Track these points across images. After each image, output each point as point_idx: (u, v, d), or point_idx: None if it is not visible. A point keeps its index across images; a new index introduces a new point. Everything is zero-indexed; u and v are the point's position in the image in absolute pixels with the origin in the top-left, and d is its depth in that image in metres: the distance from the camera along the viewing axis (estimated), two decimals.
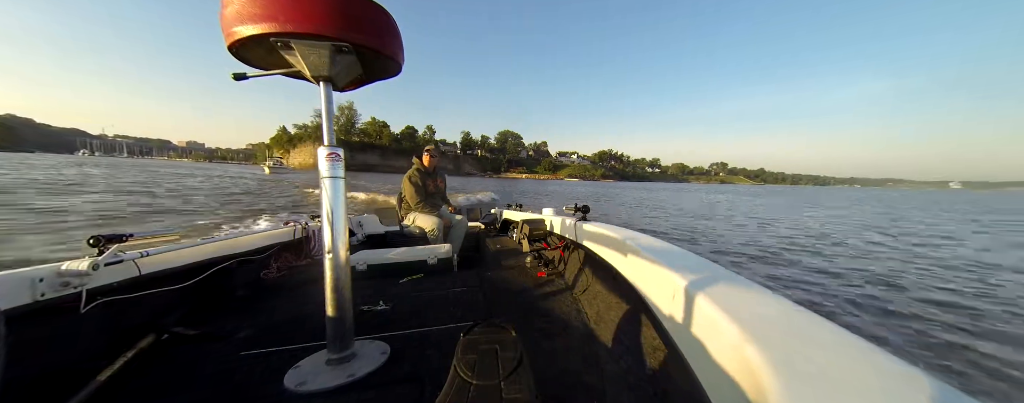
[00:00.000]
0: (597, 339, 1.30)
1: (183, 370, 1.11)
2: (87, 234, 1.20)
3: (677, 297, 0.81)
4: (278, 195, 16.23)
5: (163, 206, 9.60)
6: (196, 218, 7.49)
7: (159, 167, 49.04)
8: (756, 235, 9.13)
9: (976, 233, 10.71)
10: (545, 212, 2.75)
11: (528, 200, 20.23)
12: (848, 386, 0.44)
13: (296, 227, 2.42)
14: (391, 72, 1.10)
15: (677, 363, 0.75)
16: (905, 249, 7.60)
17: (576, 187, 65.45)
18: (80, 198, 10.59)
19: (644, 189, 64.53)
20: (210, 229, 5.91)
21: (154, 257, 1.38)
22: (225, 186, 19.51)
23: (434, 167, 3.18)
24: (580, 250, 1.94)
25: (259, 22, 0.81)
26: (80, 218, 7.23)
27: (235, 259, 1.80)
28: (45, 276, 1.02)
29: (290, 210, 10.30)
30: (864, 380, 0.45)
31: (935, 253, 7.23)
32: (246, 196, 15.03)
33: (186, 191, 15.27)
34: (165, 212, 8.43)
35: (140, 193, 13.05)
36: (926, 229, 11.45)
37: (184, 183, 19.90)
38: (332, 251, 1.01)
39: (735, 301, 0.67)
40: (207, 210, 9.42)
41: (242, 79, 0.99)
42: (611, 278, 1.47)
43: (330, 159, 0.99)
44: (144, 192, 13.61)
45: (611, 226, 1.67)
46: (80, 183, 15.66)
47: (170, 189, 15.66)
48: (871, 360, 0.48)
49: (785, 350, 0.50)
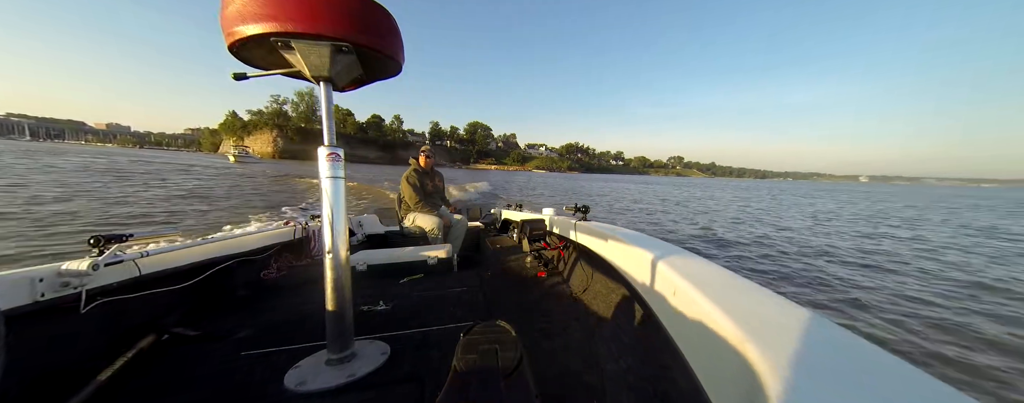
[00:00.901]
0: (597, 339, 1.29)
1: (183, 370, 1.11)
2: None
3: (677, 297, 0.81)
4: (274, 186, 15.32)
5: (164, 205, 8.95)
6: (196, 218, 7.40)
7: (86, 154, 40.29)
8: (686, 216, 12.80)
9: (825, 213, 15.79)
10: (545, 212, 2.76)
11: (498, 189, 21.36)
12: (848, 386, 0.44)
13: (296, 227, 2.41)
14: (391, 72, 1.10)
15: (677, 363, 0.75)
16: (774, 221, 11.77)
17: (545, 178, 68.80)
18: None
19: (603, 180, 71.29)
20: (210, 229, 5.65)
21: (154, 257, 1.37)
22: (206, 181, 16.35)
23: (431, 167, 3.22)
24: (580, 250, 1.95)
25: (259, 22, 0.81)
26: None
27: (235, 259, 1.80)
28: (45, 276, 1.01)
29: (293, 206, 9.97)
30: (864, 380, 0.45)
31: (797, 222, 11.62)
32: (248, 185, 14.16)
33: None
34: (165, 212, 8.12)
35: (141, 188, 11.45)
36: (799, 204, 18.29)
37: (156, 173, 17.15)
38: (332, 251, 1.01)
39: (735, 301, 0.67)
40: (208, 209, 8.99)
41: (242, 79, 0.99)
42: (611, 278, 1.47)
43: (330, 159, 0.99)
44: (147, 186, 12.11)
45: (611, 226, 1.68)
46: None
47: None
48: (871, 360, 0.48)
49: (785, 350, 0.50)
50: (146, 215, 7.24)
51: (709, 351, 0.64)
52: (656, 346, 0.93)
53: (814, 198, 28.26)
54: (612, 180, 76.75)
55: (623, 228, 1.58)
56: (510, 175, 73.95)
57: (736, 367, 0.54)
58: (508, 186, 27.58)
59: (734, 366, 0.54)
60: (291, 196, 12.21)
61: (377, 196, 13.71)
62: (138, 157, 41.96)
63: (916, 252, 7.00)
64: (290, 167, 38.98)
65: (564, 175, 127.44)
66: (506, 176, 62.04)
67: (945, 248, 7.49)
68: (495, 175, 65.79)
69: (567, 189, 28.70)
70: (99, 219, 6.73)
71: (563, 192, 24.23)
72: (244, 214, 8.12)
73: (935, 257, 6.59)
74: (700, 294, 0.71)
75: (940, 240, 8.56)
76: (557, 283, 1.96)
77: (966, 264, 6.06)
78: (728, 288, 0.74)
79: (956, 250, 7.29)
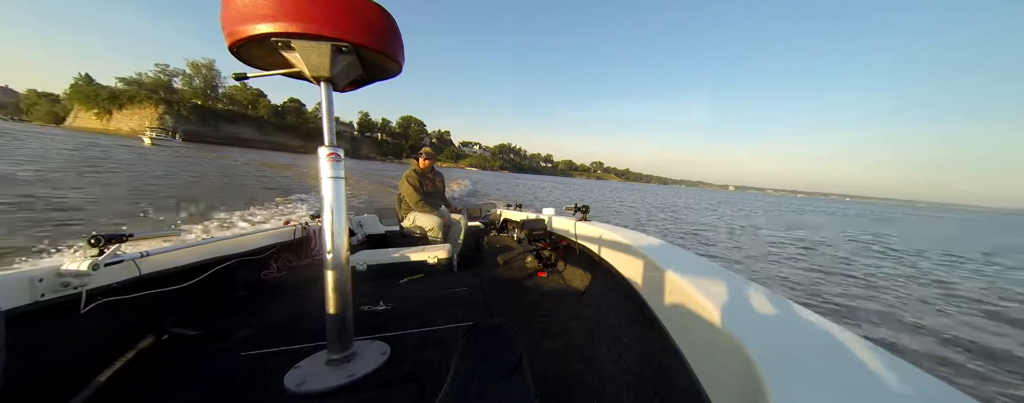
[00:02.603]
0: (597, 339, 1.29)
1: (183, 370, 1.11)
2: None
3: (677, 297, 0.81)
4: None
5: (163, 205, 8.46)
6: (196, 217, 7.16)
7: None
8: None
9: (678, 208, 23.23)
10: (545, 212, 2.76)
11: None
12: (848, 385, 0.44)
13: (296, 227, 2.41)
14: (391, 72, 1.11)
15: (677, 363, 0.75)
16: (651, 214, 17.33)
17: (480, 175, 73.51)
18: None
19: (530, 179, 79.83)
20: (210, 229, 5.79)
21: (154, 257, 1.37)
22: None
23: (431, 167, 3.24)
24: (580, 250, 1.95)
25: (259, 22, 0.81)
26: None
27: (235, 259, 1.80)
28: (45, 276, 1.02)
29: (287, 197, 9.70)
30: (864, 379, 0.45)
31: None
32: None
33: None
34: (164, 212, 7.84)
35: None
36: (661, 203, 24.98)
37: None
38: (332, 251, 1.01)
39: (735, 301, 0.67)
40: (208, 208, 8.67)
41: (243, 79, 0.98)
42: (611, 278, 1.47)
43: (331, 159, 0.98)
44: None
45: (611, 226, 1.69)
46: None
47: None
48: (871, 359, 0.49)
49: (784, 350, 0.51)
50: (146, 215, 6.98)
51: (709, 351, 0.65)
52: (656, 346, 0.92)
53: (685, 198, 39.03)
54: (538, 180, 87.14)
55: (623, 228, 1.60)
56: (444, 171, 75.60)
57: (735, 367, 0.54)
58: (446, 180, 32.20)
59: (733, 366, 0.54)
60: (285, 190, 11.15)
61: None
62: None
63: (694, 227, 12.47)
64: (227, 153, 35.84)
65: (496, 174, 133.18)
66: (441, 172, 65.73)
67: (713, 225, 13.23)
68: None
69: (499, 184, 34.77)
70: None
71: (495, 186, 29.46)
72: (245, 209, 7.80)
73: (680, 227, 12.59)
74: (700, 294, 0.72)
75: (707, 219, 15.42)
76: (557, 283, 1.98)
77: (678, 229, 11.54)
78: (728, 288, 0.74)
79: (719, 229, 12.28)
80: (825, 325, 0.59)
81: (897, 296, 5.11)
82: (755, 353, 0.50)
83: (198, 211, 7.39)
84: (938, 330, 3.81)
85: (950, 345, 3.46)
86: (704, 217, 17.02)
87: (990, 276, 7.13)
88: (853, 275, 6.30)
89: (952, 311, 4.61)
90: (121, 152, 22.49)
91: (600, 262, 1.61)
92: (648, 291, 1.04)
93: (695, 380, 0.66)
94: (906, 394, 0.43)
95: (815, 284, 5.53)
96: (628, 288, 1.23)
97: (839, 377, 0.46)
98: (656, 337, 0.90)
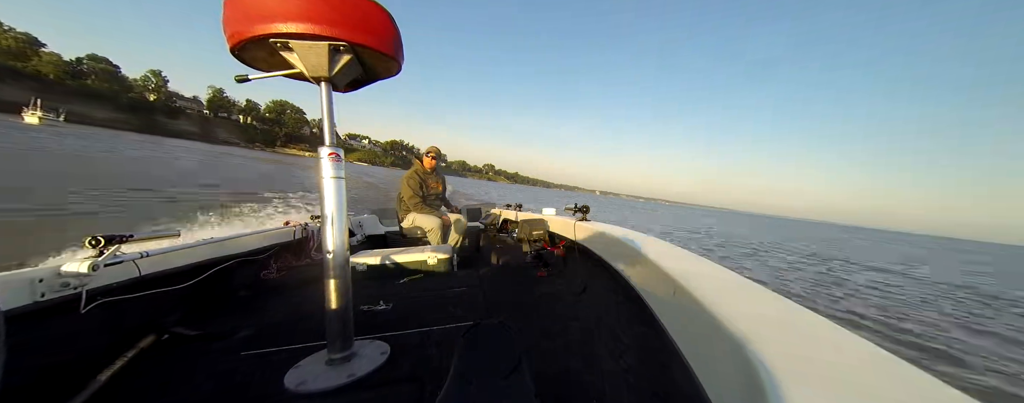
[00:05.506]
0: (597, 339, 1.30)
1: (183, 370, 1.11)
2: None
3: (676, 297, 0.81)
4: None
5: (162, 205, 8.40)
6: (197, 218, 7.13)
7: None
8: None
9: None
10: (545, 212, 2.75)
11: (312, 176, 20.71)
12: (848, 385, 0.44)
13: (296, 227, 2.42)
14: (391, 72, 1.11)
15: (677, 363, 0.75)
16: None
17: (370, 170, 72.12)
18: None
19: None
20: (210, 229, 5.68)
21: (154, 257, 1.37)
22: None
23: (433, 168, 3.26)
24: (580, 250, 1.95)
25: (259, 24, 0.82)
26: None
27: (235, 259, 1.80)
28: (45, 277, 1.01)
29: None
30: (864, 379, 0.45)
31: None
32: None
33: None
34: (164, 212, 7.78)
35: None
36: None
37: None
38: (332, 251, 1.02)
39: (735, 301, 0.67)
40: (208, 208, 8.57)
41: (244, 81, 0.99)
42: (610, 278, 1.47)
43: (331, 159, 0.99)
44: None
45: (611, 226, 1.69)
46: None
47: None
48: (871, 359, 0.49)
49: (784, 350, 0.51)
50: (146, 215, 6.95)
51: (708, 351, 0.65)
52: (656, 346, 0.92)
53: (560, 198, 40.97)
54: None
55: (623, 228, 1.60)
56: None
57: (735, 367, 0.54)
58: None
59: (733, 366, 0.54)
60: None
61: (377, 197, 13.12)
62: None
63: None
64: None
65: (386, 170, 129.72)
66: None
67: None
68: (308, 162, 65.83)
69: (391, 178, 36.91)
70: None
71: (388, 181, 31.95)
72: (245, 213, 7.79)
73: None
74: (699, 294, 0.72)
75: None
76: (557, 283, 1.99)
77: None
78: (727, 288, 0.75)
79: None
80: (825, 325, 0.60)
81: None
82: (755, 353, 0.51)
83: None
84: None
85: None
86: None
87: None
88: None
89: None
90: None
91: (599, 262, 1.62)
92: (648, 291, 1.04)
93: (695, 380, 0.66)
94: (906, 394, 0.43)
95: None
96: (628, 288, 1.23)
97: (838, 377, 0.46)
98: (656, 337, 0.90)
